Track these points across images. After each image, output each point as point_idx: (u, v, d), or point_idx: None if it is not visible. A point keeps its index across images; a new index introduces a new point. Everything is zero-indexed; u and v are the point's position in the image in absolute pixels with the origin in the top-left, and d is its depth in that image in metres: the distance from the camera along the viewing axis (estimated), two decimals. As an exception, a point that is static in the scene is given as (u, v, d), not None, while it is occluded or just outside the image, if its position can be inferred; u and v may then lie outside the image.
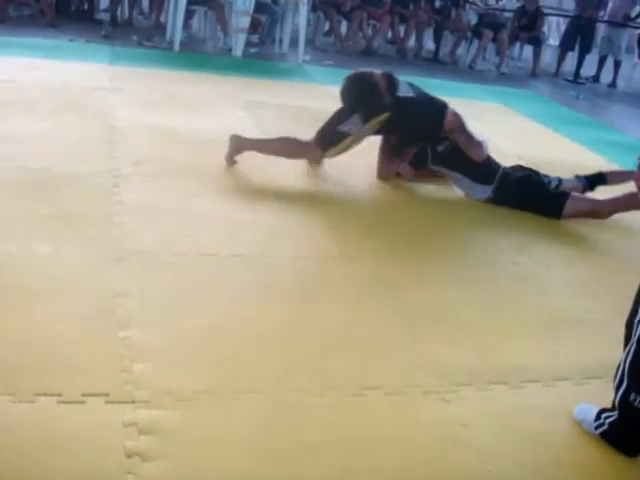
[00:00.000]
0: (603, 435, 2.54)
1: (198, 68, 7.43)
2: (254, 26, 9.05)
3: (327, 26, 10.41)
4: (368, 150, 5.35)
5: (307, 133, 5.56)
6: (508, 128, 5.63)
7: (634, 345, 2.44)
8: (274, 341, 2.85)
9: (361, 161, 5.12)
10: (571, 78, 10.91)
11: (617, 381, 2.50)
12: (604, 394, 2.82)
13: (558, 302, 3.55)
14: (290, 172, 4.71)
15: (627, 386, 2.45)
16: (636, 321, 2.45)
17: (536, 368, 2.94)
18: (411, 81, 4.89)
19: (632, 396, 2.44)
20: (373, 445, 2.37)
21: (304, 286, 3.32)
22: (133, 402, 2.39)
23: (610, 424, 2.53)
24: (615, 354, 2.94)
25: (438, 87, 8.48)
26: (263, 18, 9.24)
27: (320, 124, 4.71)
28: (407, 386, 2.69)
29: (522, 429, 2.57)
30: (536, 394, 2.80)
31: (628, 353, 2.47)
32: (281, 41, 9.23)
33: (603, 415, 2.56)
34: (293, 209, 4.15)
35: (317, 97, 6.99)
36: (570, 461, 2.46)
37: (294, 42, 8.95)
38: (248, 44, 8.84)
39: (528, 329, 3.25)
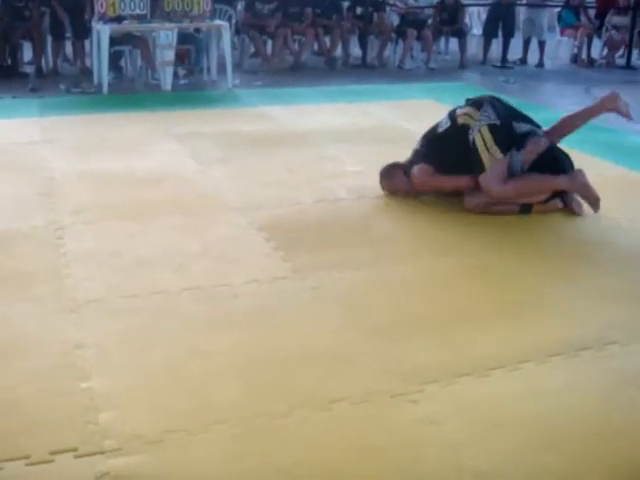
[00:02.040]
0: None
1: (129, 108, 7.41)
2: (181, 57, 9.04)
3: (253, 48, 10.43)
4: (311, 169, 5.40)
5: (242, 156, 5.61)
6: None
7: None
8: (235, 369, 2.84)
9: (303, 179, 5.16)
10: (499, 64, 11.05)
11: None
12: (566, 370, 2.89)
13: (509, 288, 3.59)
14: (233, 199, 4.71)
15: None
16: None
17: (499, 354, 2.97)
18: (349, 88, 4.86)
19: None
20: (346, 458, 2.37)
21: (260, 310, 3.31)
22: (103, 452, 2.37)
23: None
24: (571, 331, 2.99)
25: (369, 92, 8.62)
26: (188, 48, 9.23)
27: (254, 146, 4.71)
28: (374, 393, 2.70)
29: (493, 417, 2.59)
30: (502, 380, 2.82)
31: None
32: (209, 69, 9.23)
33: None
34: (240, 234, 4.15)
35: (250, 120, 7.03)
36: (545, 444, 2.47)
37: (222, 68, 8.95)
38: (177, 76, 8.84)
39: (485, 318, 3.28)
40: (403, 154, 5.82)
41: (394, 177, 4.76)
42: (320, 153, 5.87)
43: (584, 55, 11.62)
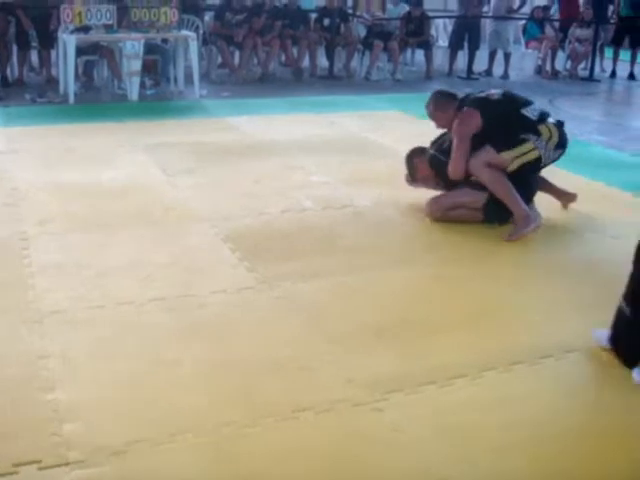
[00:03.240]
0: None
1: (95, 118, 7.39)
2: (147, 68, 9.04)
3: (220, 58, 10.44)
4: (278, 180, 5.43)
5: (210, 167, 5.62)
6: (405, 133, 5.73)
7: None
8: (200, 379, 2.85)
9: (270, 189, 5.18)
10: (464, 75, 11.16)
11: None
12: (528, 377, 2.93)
13: (471, 297, 3.64)
14: (199, 209, 4.72)
15: None
16: None
17: (462, 363, 3.00)
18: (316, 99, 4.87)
19: None
20: (312, 468, 2.39)
21: (225, 320, 3.32)
22: (67, 464, 2.36)
23: None
24: (533, 339, 3.03)
25: (335, 103, 8.67)
26: (155, 59, 9.22)
27: (221, 157, 4.72)
28: (338, 401, 2.72)
29: (456, 425, 2.62)
30: (466, 388, 2.86)
31: None
32: (176, 79, 9.22)
33: None
34: (206, 245, 4.17)
35: (217, 130, 7.04)
36: (508, 450, 2.51)
37: (190, 78, 8.96)
38: (144, 87, 8.82)
39: (447, 327, 3.32)
40: (369, 164, 5.90)
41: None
42: (287, 163, 5.89)
43: (548, 67, 11.78)
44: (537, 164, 4.50)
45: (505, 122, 4.49)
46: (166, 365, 2.93)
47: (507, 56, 11.46)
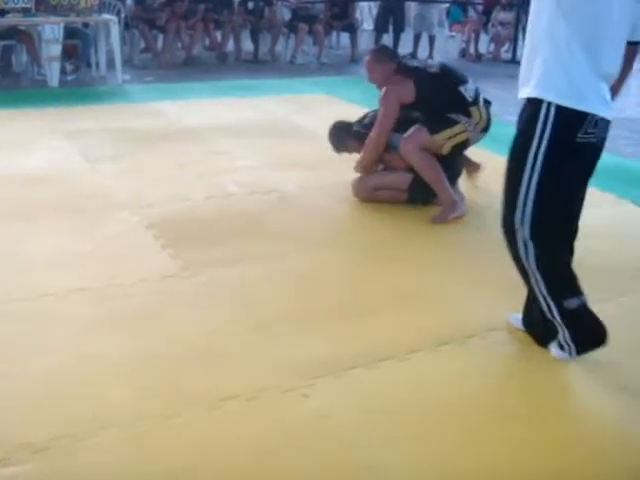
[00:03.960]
0: (579, 351, 2.82)
1: (14, 104, 7.16)
2: (68, 53, 8.80)
3: (143, 43, 10.24)
4: (202, 165, 5.36)
5: (132, 153, 5.51)
6: (331, 115, 5.68)
7: (537, 274, 2.69)
8: (124, 371, 2.79)
9: (194, 175, 5.12)
10: (390, 58, 11.19)
11: (545, 309, 2.78)
12: (454, 358, 2.95)
13: (397, 279, 3.64)
14: (122, 197, 4.63)
15: (556, 302, 2.73)
16: (523, 256, 2.67)
17: (388, 345, 3.01)
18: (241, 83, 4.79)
19: (565, 304, 2.73)
20: (238, 457, 2.36)
21: (148, 309, 3.26)
22: (-12, 463, 2.29)
23: (572, 340, 2.80)
24: (458, 319, 3.04)
25: (261, 86, 8.60)
26: (76, 43, 8.99)
27: (144, 142, 4.62)
28: (264, 389, 2.70)
29: (383, 408, 2.63)
30: (392, 370, 2.86)
31: (537, 283, 2.71)
32: (98, 64, 9.02)
33: (561, 342, 2.83)
34: (129, 233, 4.08)
35: (140, 116, 6.92)
36: (435, 432, 2.52)
37: (112, 63, 8.77)
38: (64, 72, 8.60)
39: (375, 309, 3.32)
40: (295, 148, 5.87)
41: None
42: (211, 148, 5.82)
43: (472, 50, 11.89)
44: (465, 145, 4.53)
45: (440, 99, 4.44)
46: (89, 358, 2.86)
47: (432, 39, 11.54)
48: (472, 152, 4.82)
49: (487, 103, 4.60)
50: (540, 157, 2.52)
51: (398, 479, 2.30)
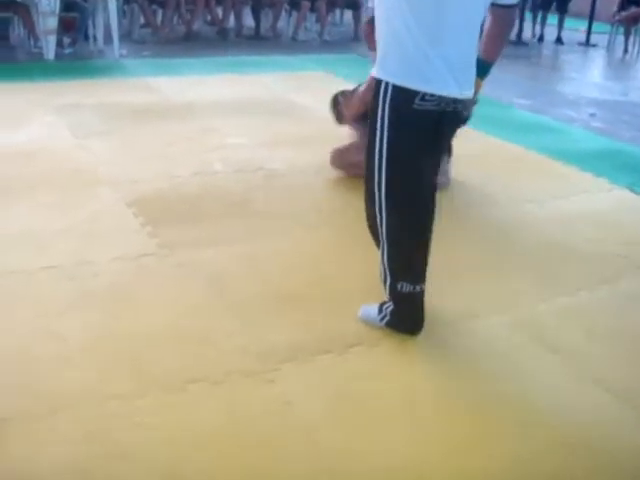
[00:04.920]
0: (388, 324, 2.93)
1: (7, 78, 7.06)
2: (65, 26, 8.71)
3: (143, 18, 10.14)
4: (193, 142, 5.30)
5: (123, 129, 5.45)
6: (328, 94, 5.57)
7: (385, 244, 2.78)
8: (89, 351, 2.73)
9: (183, 152, 5.04)
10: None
11: (382, 277, 2.87)
12: (428, 344, 2.88)
13: (374, 262, 3.55)
14: (107, 173, 4.56)
15: (391, 279, 2.83)
16: (378, 223, 2.75)
17: (359, 332, 2.95)
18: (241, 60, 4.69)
19: (398, 285, 2.82)
20: (197, 441, 2.31)
21: (120, 289, 3.19)
22: (-60, 443, 2.24)
23: (390, 313, 2.91)
24: (434, 304, 2.98)
25: (261, 63, 8.50)
26: (74, 16, 8.89)
27: (137, 118, 4.52)
28: (231, 372, 2.64)
29: (347, 395, 2.57)
30: (361, 357, 2.80)
31: (383, 252, 2.82)
32: (95, 38, 8.93)
33: (383, 307, 2.93)
34: (109, 210, 4.01)
35: (135, 90, 6.84)
36: (397, 417, 2.47)
37: (110, 37, 8.67)
38: (61, 46, 8.52)
39: (349, 294, 3.22)
40: (290, 126, 5.79)
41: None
42: (204, 125, 5.74)
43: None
44: None
45: None
46: (54, 337, 2.80)
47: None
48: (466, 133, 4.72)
49: None
50: (386, 125, 2.62)
51: (361, 464, 2.25)
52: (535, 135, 5.96)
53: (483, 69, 2.91)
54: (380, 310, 2.94)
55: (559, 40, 11.72)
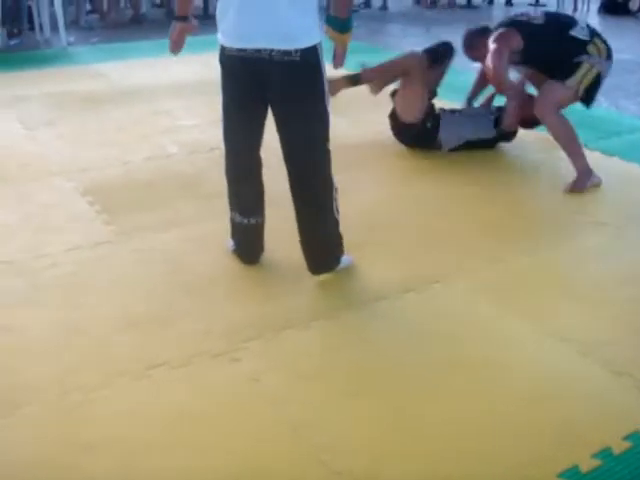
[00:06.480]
0: (233, 252, 3.28)
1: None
2: (10, 16, 8.52)
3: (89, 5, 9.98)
4: (144, 126, 5.22)
5: (72, 118, 5.36)
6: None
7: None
8: (49, 344, 2.70)
9: (134, 137, 4.98)
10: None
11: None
12: (387, 314, 2.88)
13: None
14: (59, 163, 4.49)
15: (229, 210, 3.20)
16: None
17: (318, 305, 2.96)
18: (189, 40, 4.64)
19: (231, 215, 3.20)
20: (166, 427, 2.29)
21: (78, 279, 3.15)
22: None
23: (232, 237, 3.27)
24: (394, 274, 2.95)
25: (210, 43, 8.27)
26: (18, 6, 8.70)
27: (86, 106, 4.44)
28: (195, 355, 2.62)
29: (311, 369, 2.57)
30: (322, 330, 2.81)
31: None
32: (41, 27, 8.76)
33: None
34: (63, 200, 3.95)
35: (83, 79, 6.71)
36: (359, 390, 2.47)
37: (56, 26, 8.50)
38: (8, 36, 8.35)
39: (305, 269, 3.18)
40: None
41: None
42: (155, 109, 5.67)
43: (426, -4, 11.72)
44: (599, 81, 4.30)
45: (556, 49, 4.25)
46: (11, 332, 2.75)
47: (386, -14, 11.36)
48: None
49: (597, 34, 4.39)
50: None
51: (326, 438, 2.24)
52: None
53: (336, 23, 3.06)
54: (233, 235, 3.26)
55: (509, 2, 11.73)
